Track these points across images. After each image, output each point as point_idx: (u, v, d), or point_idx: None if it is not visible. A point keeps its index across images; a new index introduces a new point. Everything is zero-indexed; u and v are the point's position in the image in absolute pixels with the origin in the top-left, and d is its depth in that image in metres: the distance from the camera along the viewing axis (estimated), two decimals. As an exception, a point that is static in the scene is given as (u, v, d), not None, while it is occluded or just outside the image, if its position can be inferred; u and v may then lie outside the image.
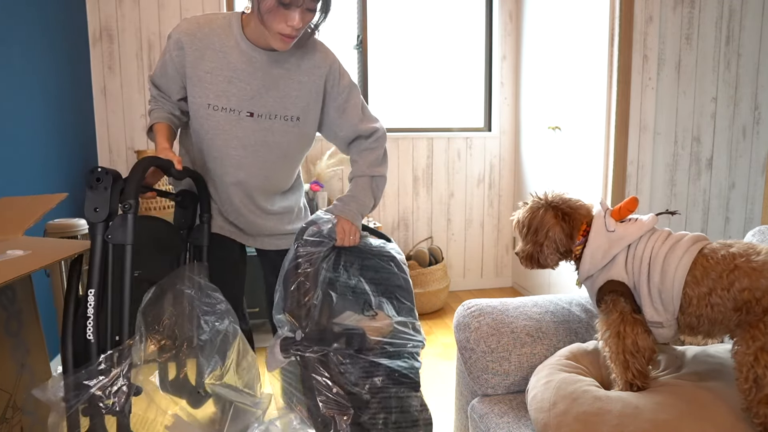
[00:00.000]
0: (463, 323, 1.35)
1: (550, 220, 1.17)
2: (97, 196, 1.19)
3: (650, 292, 1.08)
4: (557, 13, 3.13)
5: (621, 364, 1.09)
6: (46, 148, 2.45)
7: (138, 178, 1.24)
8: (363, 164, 1.56)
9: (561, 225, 1.17)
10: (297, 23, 1.31)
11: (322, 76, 1.50)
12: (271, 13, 1.30)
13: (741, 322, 0.99)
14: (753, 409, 0.94)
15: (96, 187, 1.19)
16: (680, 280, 1.04)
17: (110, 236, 1.20)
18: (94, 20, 3.06)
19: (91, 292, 1.18)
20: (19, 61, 2.23)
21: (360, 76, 3.52)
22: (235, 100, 1.44)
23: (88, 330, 1.17)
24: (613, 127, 2.72)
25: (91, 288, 1.19)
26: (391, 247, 1.56)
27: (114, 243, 1.20)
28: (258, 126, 1.47)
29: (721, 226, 2.96)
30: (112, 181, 1.19)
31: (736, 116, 2.89)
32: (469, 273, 3.77)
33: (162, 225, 1.50)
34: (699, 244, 1.06)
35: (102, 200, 1.19)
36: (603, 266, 1.13)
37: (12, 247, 1.28)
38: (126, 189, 1.22)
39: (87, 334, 1.17)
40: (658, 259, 1.08)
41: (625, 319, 1.10)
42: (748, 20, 2.82)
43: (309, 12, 1.34)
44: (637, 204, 1.15)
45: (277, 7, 1.29)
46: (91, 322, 1.17)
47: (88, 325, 1.17)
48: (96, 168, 1.19)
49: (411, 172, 3.58)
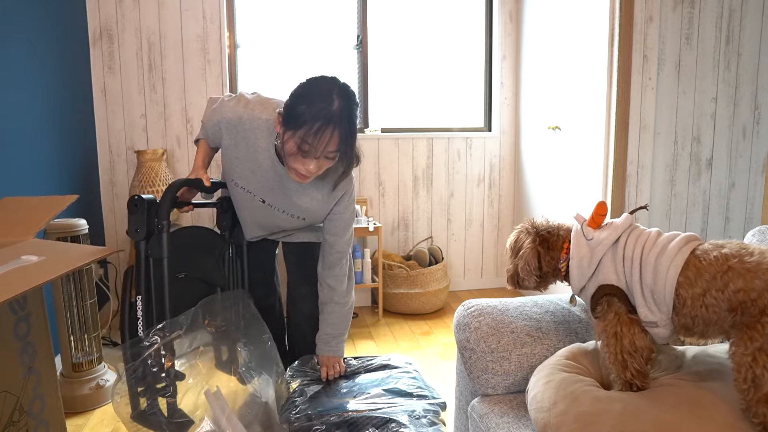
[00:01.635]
0: (463, 323, 1.36)
1: (528, 244, 1.21)
2: (137, 219, 1.42)
3: (643, 293, 1.08)
4: (557, 13, 3.13)
5: (619, 364, 1.09)
6: (46, 148, 2.45)
7: (168, 201, 1.45)
8: (340, 293, 1.71)
9: (537, 249, 1.21)
10: (312, 169, 1.42)
11: (335, 198, 1.61)
12: (293, 156, 1.40)
13: (736, 323, 0.99)
14: (752, 408, 0.94)
15: (135, 212, 1.42)
16: (672, 281, 1.04)
17: (150, 251, 1.42)
18: (94, 20, 3.06)
19: (139, 297, 1.42)
20: (19, 61, 2.23)
21: (360, 76, 3.52)
22: (253, 187, 1.60)
23: (139, 329, 1.40)
24: (613, 127, 2.72)
25: (139, 294, 1.42)
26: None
27: (153, 258, 1.42)
28: (268, 211, 1.64)
29: (721, 226, 2.96)
30: (148, 205, 1.42)
31: (736, 116, 2.89)
32: (469, 273, 3.77)
33: (205, 231, 1.71)
34: (691, 245, 1.06)
35: (140, 222, 1.42)
36: (591, 274, 1.15)
37: (25, 251, 1.27)
38: (159, 211, 1.43)
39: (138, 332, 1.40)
40: (649, 260, 1.08)
41: (621, 319, 1.10)
42: (748, 20, 2.82)
43: (327, 160, 1.42)
44: (605, 208, 1.16)
45: (296, 152, 1.39)
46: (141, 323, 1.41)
47: (139, 325, 1.40)
48: (134, 196, 1.42)
49: (411, 172, 3.58)
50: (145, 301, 1.42)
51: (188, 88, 3.21)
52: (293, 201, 1.60)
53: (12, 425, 1.32)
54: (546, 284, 1.27)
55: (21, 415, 1.36)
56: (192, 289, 1.59)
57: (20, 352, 1.37)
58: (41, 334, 1.46)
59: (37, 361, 1.43)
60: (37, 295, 1.46)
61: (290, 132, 1.37)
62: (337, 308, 1.70)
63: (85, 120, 2.98)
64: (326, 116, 1.33)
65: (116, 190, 3.21)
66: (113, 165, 3.18)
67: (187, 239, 1.60)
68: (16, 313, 1.37)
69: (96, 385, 2.19)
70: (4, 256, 1.21)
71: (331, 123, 1.33)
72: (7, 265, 1.15)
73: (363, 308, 3.46)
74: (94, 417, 2.11)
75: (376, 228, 3.17)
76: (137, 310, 1.41)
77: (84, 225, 2.17)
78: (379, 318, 3.25)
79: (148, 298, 1.42)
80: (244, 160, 1.56)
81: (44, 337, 1.47)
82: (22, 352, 1.39)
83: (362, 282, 3.25)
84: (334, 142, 1.36)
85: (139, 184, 2.88)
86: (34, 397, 1.41)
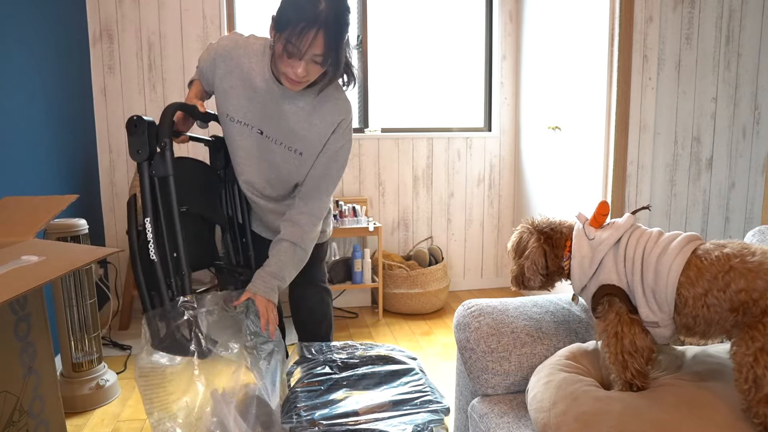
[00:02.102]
0: (463, 323, 1.36)
1: (533, 243, 1.21)
2: (137, 140, 1.38)
3: (644, 293, 1.08)
4: (557, 13, 3.13)
5: (620, 364, 1.09)
6: (46, 148, 2.45)
7: (169, 121, 1.42)
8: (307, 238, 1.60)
9: (543, 248, 1.21)
10: (300, 72, 1.40)
11: (333, 124, 1.56)
12: (280, 58, 1.40)
13: (738, 323, 0.99)
14: (753, 409, 0.94)
15: (135, 133, 1.38)
16: (674, 281, 1.04)
17: (154, 171, 1.40)
18: (94, 20, 3.06)
19: (147, 220, 1.38)
20: (19, 61, 2.23)
21: (360, 76, 3.52)
22: (250, 117, 1.57)
23: (150, 251, 1.37)
24: (613, 127, 2.72)
25: (146, 216, 1.38)
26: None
27: (158, 176, 1.40)
28: (264, 144, 1.59)
29: (721, 226, 2.96)
30: (147, 126, 1.38)
31: (736, 116, 2.89)
32: (469, 273, 3.77)
33: (202, 166, 1.66)
34: (692, 245, 1.06)
35: (141, 142, 1.38)
36: (593, 274, 1.15)
37: (25, 251, 1.27)
38: (160, 131, 1.40)
39: (150, 255, 1.37)
40: (651, 259, 1.08)
41: (622, 319, 1.10)
42: (748, 20, 2.82)
43: (315, 64, 1.41)
44: (608, 207, 1.17)
45: (282, 54, 1.39)
46: (151, 245, 1.37)
47: (150, 248, 1.37)
48: (132, 117, 1.38)
49: (411, 172, 3.58)
50: (153, 222, 1.38)
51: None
52: (290, 127, 1.55)
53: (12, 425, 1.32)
54: (552, 283, 1.27)
55: (21, 415, 1.36)
56: (193, 225, 1.58)
57: (20, 352, 1.37)
58: (41, 334, 1.46)
59: (37, 361, 1.43)
60: (37, 295, 1.46)
61: (278, 34, 1.39)
62: (296, 251, 1.58)
63: (85, 120, 2.98)
64: (310, 18, 1.34)
65: (116, 190, 3.21)
66: (113, 165, 3.18)
67: (186, 172, 1.57)
68: (16, 313, 1.37)
69: (96, 385, 2.19)
70: (4, 256, 1.21)
71: (315, 25, 1.34)
72: (7, 265, 1.15)
73: (363, 308, 3.46)
74: (94, 417, 2.11)
75: (376, 228, 3.17)
76: (147, 233, 1.37)
77: (84, 225, 2.17)
78: (379, 318, 3.25)
79: (156, 218, 1.39)
80: (238, 87, 1.56)
81: (44, 337, 1.47)
82: (22, 352, 1.39)
83: (362, 282, 3.24)
84: (318, 44, 1.36)
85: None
86: (34, 397, 1.41)
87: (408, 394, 1.46)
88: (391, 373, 1.56)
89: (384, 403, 1.42)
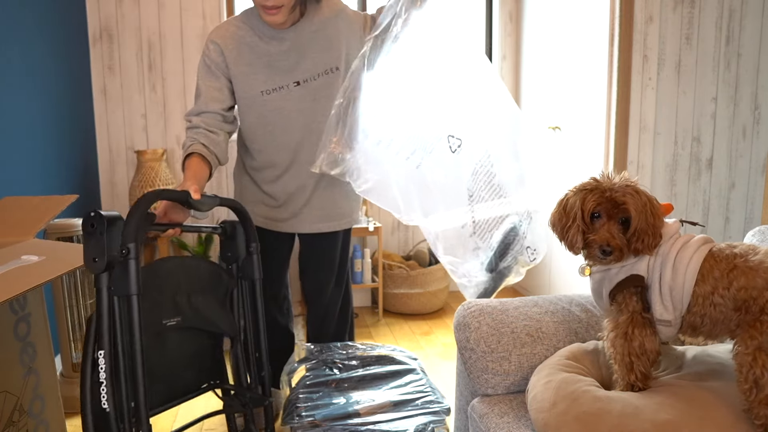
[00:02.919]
0: (463, 323, 1.36)
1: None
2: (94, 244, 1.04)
3: (661, 290, 1.08)
4: (557, 13, 3.13)
5: (625, 365, 1.09)
6: (46, 148, 2.45)
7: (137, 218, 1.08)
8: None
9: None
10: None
11: (339, 19, 1.65)
12: None
13: (741, 323, 0.99)
14: (754, 410, 0.94)
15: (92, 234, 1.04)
16: (691, 278, 1.04)
17: (113, 288, 1.06)
18: (94, 20, 3.06)
19: (101, 353, 1.04)
20: (19, 61, 2.23)
21: (360, 76, 3.52)
22: (279, 78, 1.62)
23: (102, 398, 1.04)
24: (613, 127, 2.72)
25: (101, 349, 1.04)
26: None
27: (118, 295, 1.06)
28: (305, 91, 1.64)
29: (721, 226, 2.96)
30: (107, 224, 1.03)
31: (736, 116, 2.89)
32: (469, 273, 3.76)
33: (203, 263, 1.36)
34: (708, 245, 1.07)
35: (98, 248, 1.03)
36: (634, 261, 1.12)
37: (25, 251, 1.27)
38: (124, 231, 1.06)
39: (101, 402, 1.04)
40: (669, 257, 1.08)
41: (635, 320, 1.09)
42: (748, 20, 2.82)
43: None
44: (672, 209, 1.19)
45: None
46: (104, 389, 1.04)
47: (102, 392, 1.04)
48: (90, 213, 1.04)
49: (411, 172, 3.58)
50: (108, 358, 1.04)
51: (188, 89, 3.21)
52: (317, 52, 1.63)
53: (12, 425, 1.32)
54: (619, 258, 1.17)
55: (21, 415, 1.36)
56: (186, 342, 1.29)
57: (20, 352, 1.37)
58: (41, 334, 1.46)
59: (37, 361, 1.43)
60: (37, 295, 1.46)
61: None
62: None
63: (85, 120, 2.98)
64: None
65: (116, 190, 3.21)
66: (113, 165, 3.18)
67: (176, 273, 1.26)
68: (16, 313, 1.37)
69: (96, 385, 2.18)
70: (4, 256, 1.21)
71: None
72: (7, 265, 1.15)
73: (363, 308, 3.46)
74: (94, 417, 2.10)
75: (376, 228, 3.17)
76: (99, 371, 1.03)
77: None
78: (379, 318, 3.25)
79: (113, 353, 1.05)
80: (253, 60, 1.61)
81: (44, 337, 1.47)
82: (22, 352, 1.39)
83: (362, 282, 3.24)
84: None
85: (139, 184, 2.88)
86: (34, 397, 1.41)
87: (409, 394, 1.46)
88: (392, 374, 1.56)
89: (385, 404, 1.41)
